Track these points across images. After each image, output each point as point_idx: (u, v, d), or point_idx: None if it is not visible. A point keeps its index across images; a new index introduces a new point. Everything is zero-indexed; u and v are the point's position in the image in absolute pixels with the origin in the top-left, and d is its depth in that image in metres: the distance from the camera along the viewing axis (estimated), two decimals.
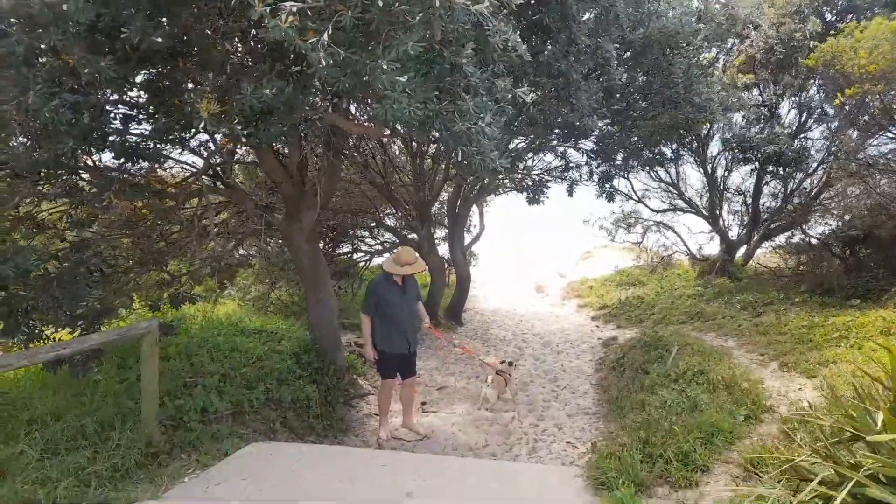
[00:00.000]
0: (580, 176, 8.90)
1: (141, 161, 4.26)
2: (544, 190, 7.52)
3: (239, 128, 3.48)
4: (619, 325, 11.34)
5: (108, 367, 5.80)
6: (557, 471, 4.76)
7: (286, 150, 6.78)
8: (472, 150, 3.07)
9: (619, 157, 8.16)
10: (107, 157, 4.89)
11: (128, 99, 4.31)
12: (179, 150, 6.52)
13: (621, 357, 8.48)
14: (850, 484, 1.63)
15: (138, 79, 3.91)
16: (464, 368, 8.98)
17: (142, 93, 4.15)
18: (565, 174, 8.96)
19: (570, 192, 8.74)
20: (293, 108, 3.65)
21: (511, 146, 7.29)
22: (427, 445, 6.21)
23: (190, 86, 3.85)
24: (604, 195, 9.03)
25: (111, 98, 4.28)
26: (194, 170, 6.33)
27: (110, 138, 4.12)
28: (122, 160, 4.31)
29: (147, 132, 4.13)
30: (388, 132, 4.97)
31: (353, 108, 7.35)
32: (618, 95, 6.70)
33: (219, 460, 4.59)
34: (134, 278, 6.59)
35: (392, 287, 6.01)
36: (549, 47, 4.91)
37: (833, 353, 6.17)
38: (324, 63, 2.58)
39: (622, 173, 9.97)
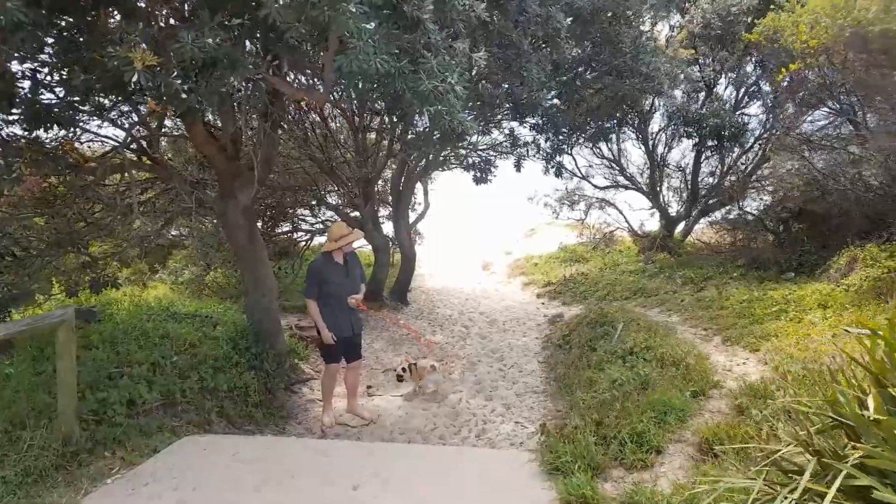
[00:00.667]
0: (527, 152, 8.76)
1: (54, 128, 3.77)
2: (491, 169, 7.34)
3: (178, 82, 3.07)
4: (564, 301, 11.38)
5: (21, 358, 5.30)
6: (509, 455, 4.64)
7: (219, 123, 6.34)
8: (441, 109, 2.81)
9: (566, 131, 8.03)
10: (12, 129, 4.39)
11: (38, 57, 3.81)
12: (98, 122, 6.02)
13: (567, 334, 8.46)
14: (841, 476, 1.51)
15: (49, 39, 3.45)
16: (410, 349, 8.78)
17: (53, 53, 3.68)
18: (513, 150, 8.80)
19: (518, 168, 8.59)
20: (236, 63, 3.28)
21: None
22: (373, 431, 6.00)
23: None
24: (551, 170, 8.92)
25: (17, 54, 3.78)
26: (116, 143, 5.81)
27: (17, 101, 3.65)
28: (32, 127, 3.83)
29: (61, 97, 3.63)
30: (334, 97, 4.60)
31: (291, 76, 6.93)
32: (565, 66, 6.55)
33: (147, 458, 4.25)
34: (50, 262, 6.04)
35: (334, 268, 5.73)
36: (499, 17, 4.67)
37: (774, 326, 6.29)
38: (280, 2, 2.28)
39: (567, 149, 9.90)
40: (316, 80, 5.33)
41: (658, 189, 13.49)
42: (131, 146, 6.13)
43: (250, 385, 6.08)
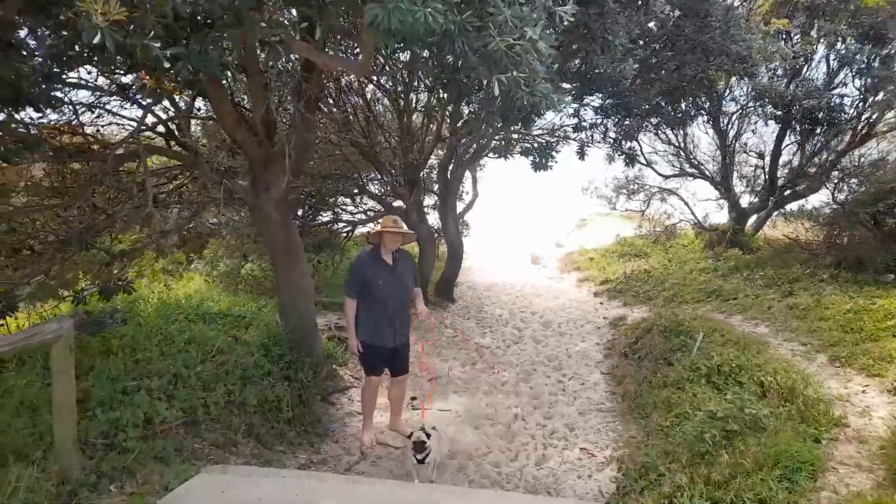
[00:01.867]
0: (591, 137, 7.79)
1: (28, 108, 3.06)
2: (553, 154, 6.47)
3: (157, 45, 2.30)
4: (625, 302, 10.41)
5: (28, 369, 4.74)
6: None
7: (249, 104, 5.66)
8: (518, 77, 1.98)
9: (639, 113, 7.04)
10: None
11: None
12: (119, 101, 5.41)
13: (634, 342, 7.55)
14: None
15: None
16: (458, 354, 8.02)
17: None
18: (575, 134, 7.85)
19: (581, 155, 7.63)
20: (241, 20, 2.50)
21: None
22: None
23: None
24: (619, 157, 7.93)
25: None
26: (133, 125, 5.19)
27: None
28: None
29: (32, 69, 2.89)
30: (377, 67, 3.78)
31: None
32: (644, 41, 5.59)
33: (157, 497, 3.59)
34: (69, 257, 5.46)
35: (380, 265, 4.99)
36: None
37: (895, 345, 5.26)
38: None
39: (637, 134, 8.86)
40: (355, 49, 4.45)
41: (729, 178, 12.30)
42: (156, 129, 5.53)
43: (283, 398, 5.44)
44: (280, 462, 4.96)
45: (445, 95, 5.68)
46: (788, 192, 11.63)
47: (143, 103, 4.72)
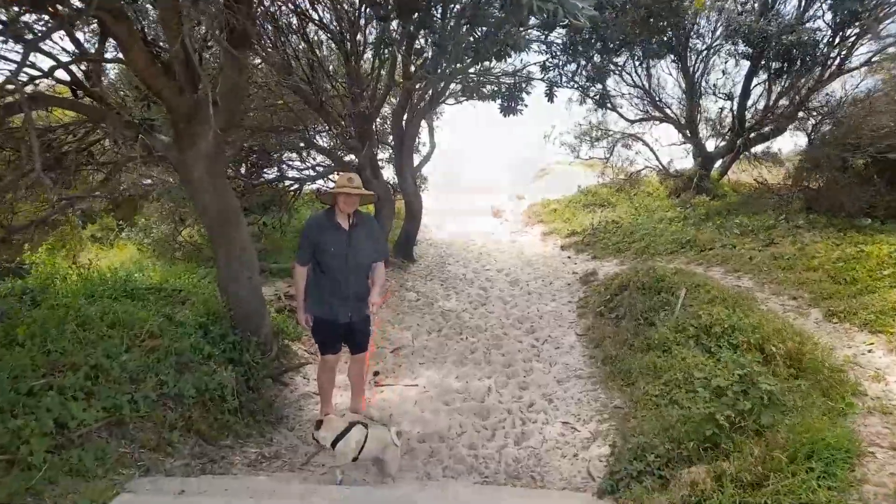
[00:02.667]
0: (560, 77, 7.07)
1: None
2: (521, 97, 5.76)
3: None
4: (594, 255, 9.94)
5: None
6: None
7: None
8: None
9: (613, 47, 6.33)
10: None
11: None
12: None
13: (609, 299, 7.07)
14: None
15: None
16: (422, 320, 7.42)
17: None
18: (543, 75, 7.10)
19: (550, 97, 6.93)
20: None
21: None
22: None
23: None
24: (592, 98, 7.23)
25: None
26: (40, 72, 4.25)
27: None
28: None
29: None
30: None
31: None
32: None
33: None
34: None
35: (334, 230, 4.28)
36: None
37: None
38: None
39: (607, 74, 8.15)
40: None
41: (695, 120, 11.81)
42: (53, 74, 4.56)
43: (226, 385, 4.74)
44: (227, 460, 4.34)
45: (402, 28, 4.85)
46: (755, 133, 11.24)
47: (27, 39, 3.79)
